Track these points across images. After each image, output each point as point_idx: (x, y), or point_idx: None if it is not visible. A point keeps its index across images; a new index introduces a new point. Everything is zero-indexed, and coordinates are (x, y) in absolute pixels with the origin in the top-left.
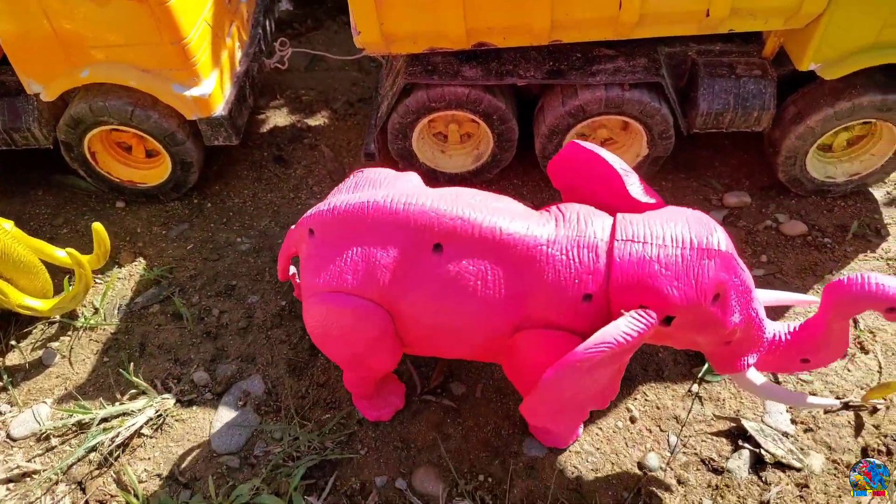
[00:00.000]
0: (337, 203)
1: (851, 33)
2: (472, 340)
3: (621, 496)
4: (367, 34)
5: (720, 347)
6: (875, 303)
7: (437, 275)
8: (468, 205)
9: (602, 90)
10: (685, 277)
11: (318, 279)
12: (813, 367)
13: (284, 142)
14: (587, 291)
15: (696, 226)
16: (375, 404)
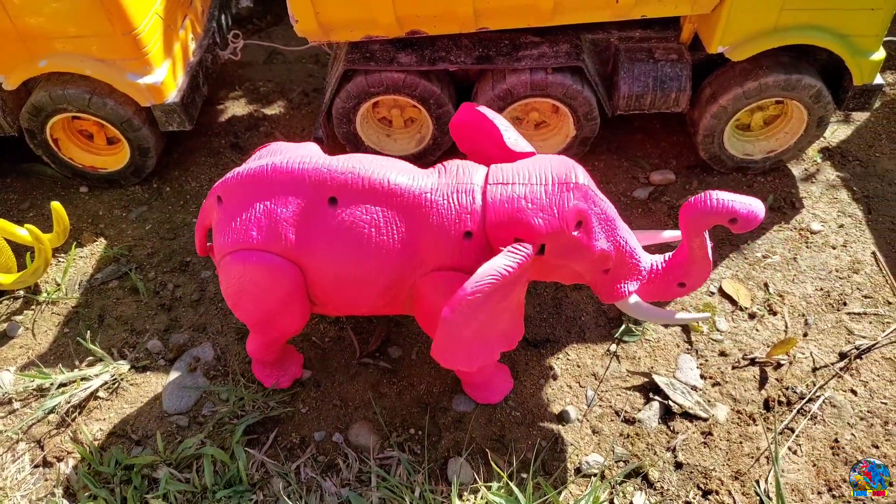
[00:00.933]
0: (240, 170)
1: (753, 17)
2: (373, 288)
3: (540, 445)
4: (305, 23)
5: (600, 276)
6: (719, 216)
7: (334, 226)
8: (358, 161)
9: (528, 74)
10: (549, 209)
11: (227, 239)
12: (689, 289)
13: (241, 130)
14: (467, 229)
15: (557, 166)
16: (274, 372)
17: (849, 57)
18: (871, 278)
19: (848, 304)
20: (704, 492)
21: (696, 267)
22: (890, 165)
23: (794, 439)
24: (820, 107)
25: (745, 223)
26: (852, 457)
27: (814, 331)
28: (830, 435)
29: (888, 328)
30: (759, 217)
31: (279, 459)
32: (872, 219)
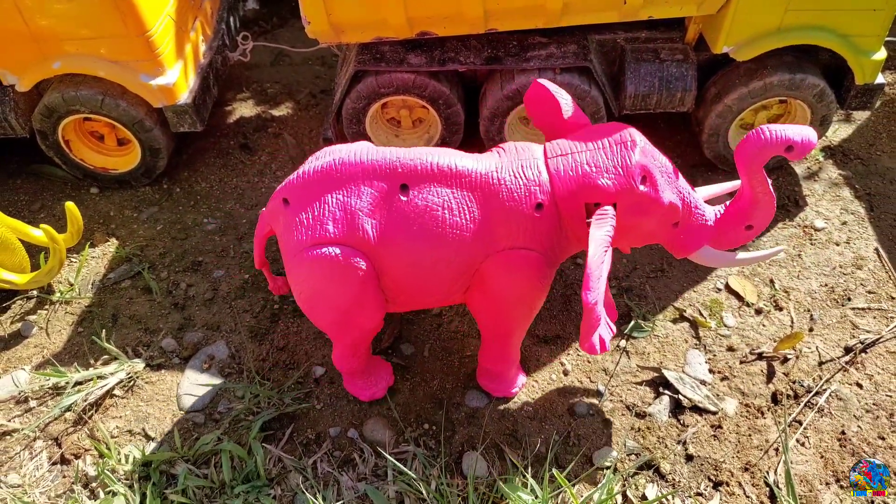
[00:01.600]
0: (305, 169)
1: (757, 18)
2: (448, 272)
3: (553, 439)
4: (317, 24)
5: (670, 231)
6: (776, 146)
7: (408, 212)
8: (423, 150)
9: (536, 75)
10: (613, 168)
11: (301, 237)
12: (757, 230)
13: (250, 131)
14: (538, 201)
15: (610, 130)
16: (368, 383)
17: (851, 56)
18: (875, 274)
19: (852, 299)
20: (715, 483)
21: (760, 206)
22: (890, 163)
23: (802, 432)
24: (823, 106)
25: (801, 149)
26: (859, 448)
27: (819, 326)
28: (837, 427)
29: (892, 323)
30: (813, 142)
31: (296, 455)
32: (874, 216)
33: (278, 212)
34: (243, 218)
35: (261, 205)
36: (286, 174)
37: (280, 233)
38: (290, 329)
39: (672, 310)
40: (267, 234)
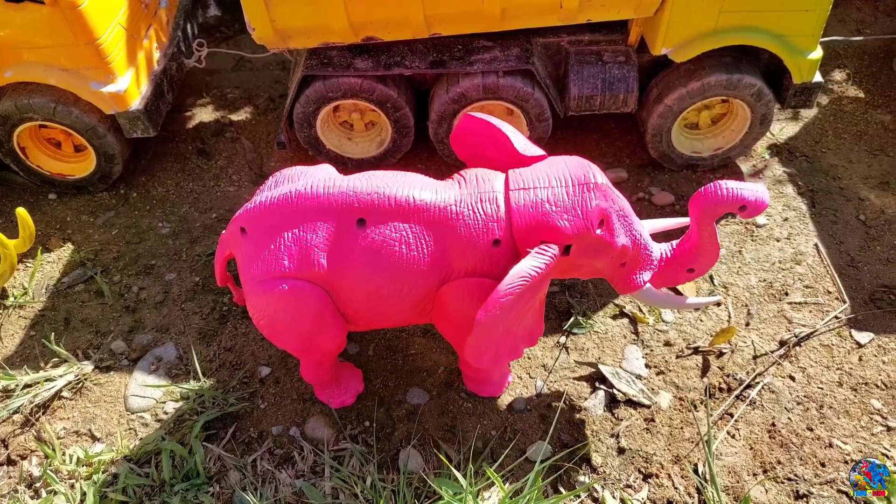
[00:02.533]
0: (262, 199)
1: (693, 20)
2: (407, 302)
3: (489, 434)
4: (262, 31)
5: (618, 269)
6: (730, 204)
7: (364, 247)
8: (381, 181)
9: (480, 78)
10: (573, 210)
11: (256, 270)
12: (698, 274)
13: (208, 136)
14: (495, 237)
15: (574, 167)
16: (337, 391)
17: (787, 56)
18: (813, 269)
19: (789, 294)
20: (645, 475)
21: (704, 253)
22: (835, 160)
23: (733, 424)
24: (762, 105)
25: (753, 209)
26: (787, 440)
27: (756, 320)
28: (768, 419)
29: (827, 316)
30: (766, 203)
31: (236, 453)
32: (816, 212)
33: (236, 238)
34: (197, 222)
35: (215, 209)
36: (242, 178)
37: (238, 260)
38: (238, 330)
39: (612, 306)
40: (227, 258)
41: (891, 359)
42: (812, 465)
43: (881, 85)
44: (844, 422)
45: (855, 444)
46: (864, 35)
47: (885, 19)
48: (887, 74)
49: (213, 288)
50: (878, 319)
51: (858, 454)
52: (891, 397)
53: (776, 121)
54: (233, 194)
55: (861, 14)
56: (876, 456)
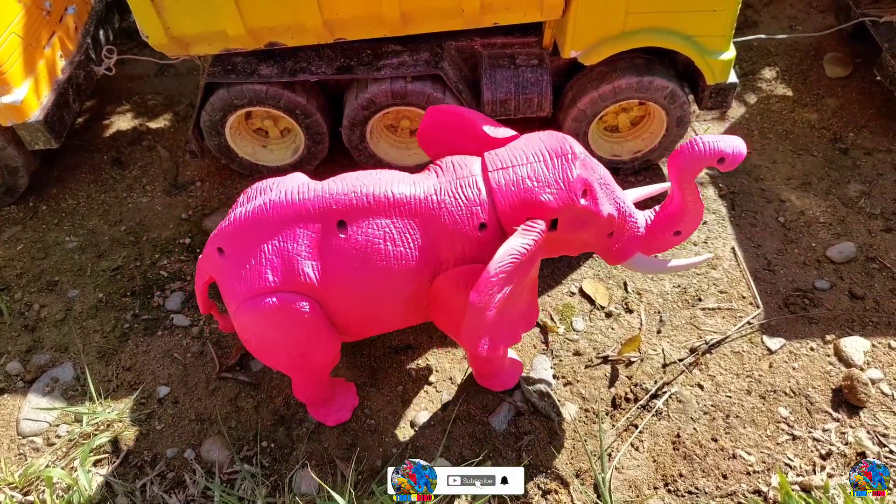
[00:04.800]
0: (236, 215)
1: (599, 22)
2: (399, 300)
3: (390, 452)
4: (156, 38)
5: (605, 241)
6: (708, 159)
7: (348, 249)
8: (356, 181)
9: (388, 83)
10: (555, 183)
11: (241, 288)
12: (685, 236)
13: (124, 144)
14: (480, 221)
15: (549, 140)
16: (332, 409)
17: (698, 57)
18: (728, 273)
19: (703, 299)
20: (545, 491)
21: (689, 213)
22: (758, 161)
23: (637, 435)
24: (676, 107)
25: (732, 161)
26: (691, 451)
27: (667, 327)
28: (673, 430)
29: (739, 322)
30: (743, 154)
31: (127, 478)
32: (735, 214)
33: (214, 260)
34: (105, 235)
35: (125, 221)
36: (156, 189)
37: (219, 282)
38: (139, 348)
39: None
40: (207, 282)
41: (801, 364)
42: (714, 477)
43: (810, 83)
44: (750, 431)
45: (759, 455)
46: (796, 32)
47: (818, 16)
48: (817, 72)
49: (117, 305)
50: (791, 324)
51: (762, 465)
52: (798, 405)
53: (701, 121)
54: (145, 205)
55: (794, 10)
56: (779, 466)
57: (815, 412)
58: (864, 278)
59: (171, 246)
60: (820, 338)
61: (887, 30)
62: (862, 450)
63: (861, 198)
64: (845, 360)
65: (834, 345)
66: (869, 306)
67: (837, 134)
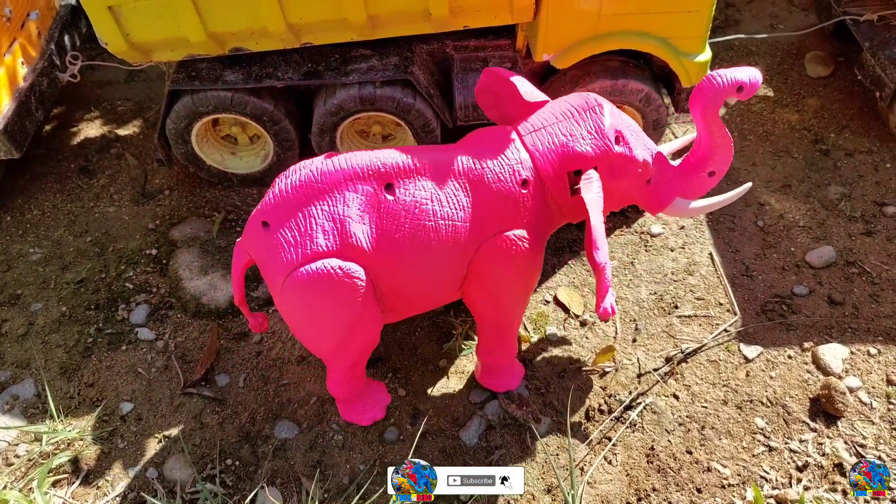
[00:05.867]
0: (281, 186)
1: (571, 25)
2: (448, 266)
3: (358, 469)
4: (116, 45)
5: (644, 188)
6: (728, 90)
7: (398, 210)
8: (400, 150)
9: (356, 89)
10: (588, 134)
11: (291, 256)
12: (719, 175)
13: (92, 153)
14: (522, 178)
15: (575, 99)
16: (366, 406)
17: (672, 59)
18: (706, 279)
19: (679, 307)
20: None
21: (719, 150)
22: (738, 164)
23: (611, 448)
24: (651, 110)
25: (750, 89)
26: (665, 464)
27: (643, 336)
28: (647, 442)
29: (716, 330)
30: (759, 81)
31: (86, 499)
32: (713, 219)
33: (257, 237)
34: (70, 246)
35: (91, 231)
36: (123, 198)
37: (262, 259)
38: (103, 364)
39: None
40: (246, 265)
41: (778, 373)
42: (688, 491)
43: (791, 83)
44: (726, 443)
45: (734, 467)
46: (777, 31)
47: (800, 14)
48: (798, 71)
49: (81, 318)
50: (769, 332)
51: (737, 477)
52: (775, 415)
53: (681, 123)
54: (112, 215)
55: (775, 9)
56: (754, 479)
57: (792, 422)
58: (843, 283)
59: (137, 257)
60: (798, 345)
61: (868, 28)
62: (839, 461)
63: (841, 200)
64: (823, 368)
65: (812, 352)
66: (848, 312)
67: (818, 135)
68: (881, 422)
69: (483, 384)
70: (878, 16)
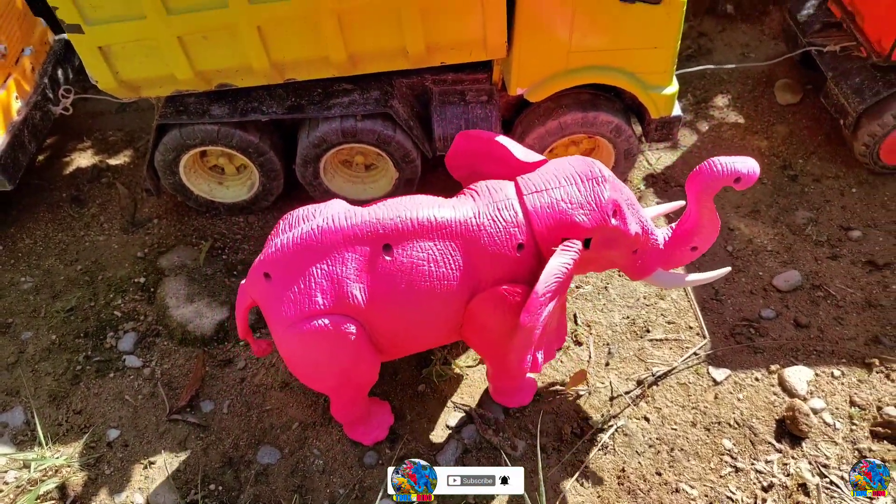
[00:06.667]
0: (283, 241)
1: (543, 61)
2: (442, 319)
3: (337, 493)
4: (105, 82)
5: (630, 258)
6: (725, 179)
7: (394, 271)
8: (399, 206)
9: (338, 122)
10: (588, 205)
11: (290, 311)
12: (700, 251)
13: (83, 182)
14: (518, 242)
15: (579, 165)
16: (369, 428)
17: (641, 92)
18: (676, 304)
19: (651, 330)
20: None
21: (705, 229)
22: None
23: (583, 471)
24: (622, 140)
25: (747, 180)
26: (636, 486)
27: (616, 359)
28: (619, 464)
29: (686, 353)
30: (757, 173)
31: None
32: None
33: (259, 286)
34: (61, 275)
35: (81, 260)
36: (113, 227)
37: (264, 307)
38: (91, 391)
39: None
40: (249, 306)
41: (746, 395)
42: None
43: (761, 110)
44: (694, 464)
45: (702, 488)
46: (748, 59)
47: (770, 43)
48: (768, 99)
49: (70, 346)
50: (737, 354)
51: (704, 498)
52: (742, 436)
53: (654, 150)
54: (101, 244)
55: (747, 38)
56: (721, 499)
57: (758, 443)
58: (809, 306)
59: (126, 285)
60: (765, 367)
61: (832, 58)
62: (803, 481)
63: (808, 225)
64: (789, 390)
65: (778, 375)
66: (813, 335)
67: (787, 161)
68: (844, 442)
69: (496, 401)
70: (841, 47)
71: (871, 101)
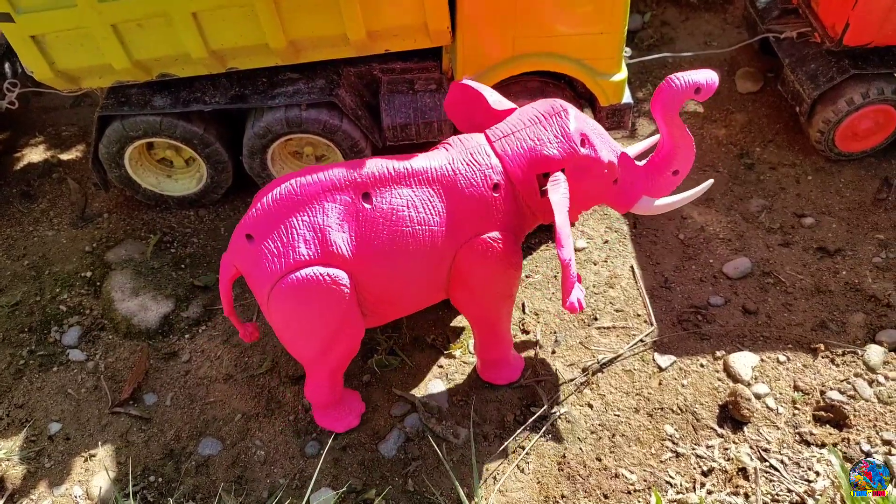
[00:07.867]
0: (263, 202)
1: (487, 48)
2: (425, 269)
3: (278, 483)
4: (42, 73)
5: (612, 189)
6: (686, 91)
7: (375, 219)
8: (376, 160)
9: (283, 111)
10: (555, 138)
11: (276, 266)
12: (682, 174)
13: (34, 177)
14: (494, 182)
15: (541, 105)
16: (341, 413)
17: (589, 79)
18: (626, 292)
19: (599, 318)
20: None
21: (681, 150)
22: None
23: (524, 457)
24: None
25: (707, 90)
26: (575, 472)
27: (562, 347)
28: (560, 451)
29: (633, 340)
30: (716, 81)
31: None
32: (637, 233)
33: (242, 250)
34: (7, 270)
35: (28, 255)
36: (63, 222)
37: (248, 270)
38: (34, 385)
39: (421, 339)
40: (233, 277)
41: (690, 381)
42: (595, 497)
43: (721, 99)
44: (635, 449)
45: (641, 473)
46: (710, 48)
47: (733, 31)
48: (728, 87)
49: (13, 341)
50: (683, 341)
51: (643, 483)
52: (685, 422)
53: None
54: (50, 239)
55: (709, 26)
56: (659, 484)
57: (700, 429)
58: (758, 293)
59: (73, 280)
60: (710, 354)
61: (789, 45)
62: (742, 466)
63: (762, 212)
64: (733, 375)
65: (723, 361)
66: (761, 321)
67: (744, 149)
68: (786, 426)
69: (485, 379)
70: (798, 33)
71: (825, 87)
